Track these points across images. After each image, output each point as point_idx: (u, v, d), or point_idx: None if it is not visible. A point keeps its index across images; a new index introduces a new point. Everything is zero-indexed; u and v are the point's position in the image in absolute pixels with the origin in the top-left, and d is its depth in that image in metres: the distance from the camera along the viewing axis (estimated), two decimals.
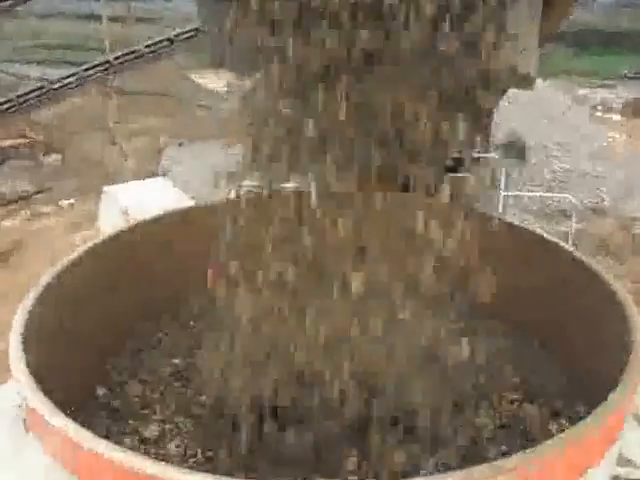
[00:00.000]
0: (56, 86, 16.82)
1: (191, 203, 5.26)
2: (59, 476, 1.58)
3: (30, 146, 16.18)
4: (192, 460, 2.14)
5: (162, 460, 2.07)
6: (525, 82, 2.38)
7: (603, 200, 12.22)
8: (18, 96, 16.52)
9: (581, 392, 2.20)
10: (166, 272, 2.63)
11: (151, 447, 2.21)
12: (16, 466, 2.93)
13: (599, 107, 20.86)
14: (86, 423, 2.23)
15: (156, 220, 2.67)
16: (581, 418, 2.10)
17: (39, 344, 1.92)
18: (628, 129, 18.29)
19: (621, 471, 2.77)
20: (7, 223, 13.65)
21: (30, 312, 1.96)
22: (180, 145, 16.10)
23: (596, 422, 1.47)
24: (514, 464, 1.33)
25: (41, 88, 16.87)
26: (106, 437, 2.21)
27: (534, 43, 2.38)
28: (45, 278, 2.13)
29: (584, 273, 2.15)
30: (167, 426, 2.30)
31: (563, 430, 2.12)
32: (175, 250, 2.52)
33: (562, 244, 2.29)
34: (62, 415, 1.54)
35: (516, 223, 2.51)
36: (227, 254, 2.00)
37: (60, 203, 14.47)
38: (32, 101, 16.67)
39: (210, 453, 2.12)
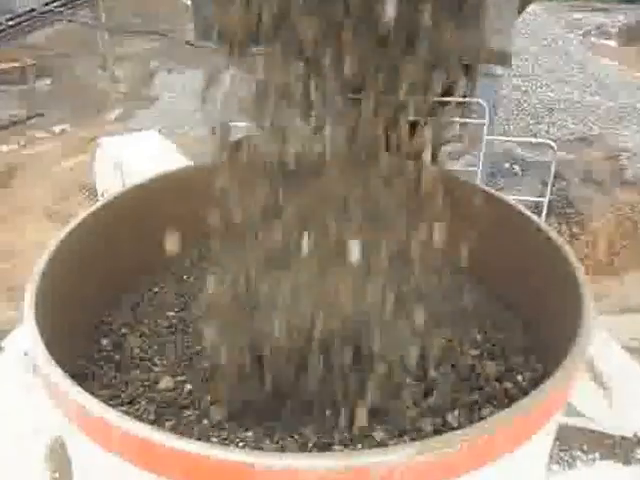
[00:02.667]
0: (46, 9, 16.59)
1: (182, 158, 5.39)
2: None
3: (21, 70, 16.07)
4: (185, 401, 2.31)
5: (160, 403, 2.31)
6: (501, 59, 2.41)
7: (591, 130, 12.12)
8: (7, 19, 16.31)
9: (540, 349, 2.36)
10: (161, 230, 2.80)
11: (155, 394, 2.38)
12: (25, 407, 3.21)
13: (593, 32, 20.37)
14: (93, 374, 2.47)
15: (150, 182, 2.80)
16: (535, 378, 2.32)
17: (48, 301, 2.08)
18: (622, 56, 17.83)
19: (569, 421, 2.98)
20: (1, 148, 13.72)
21: (41, 273, 2.11)
22: (170, 72, 16.00)
23: (539, 399, 1.63)
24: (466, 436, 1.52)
25: (31, 11, 16.65)
26: (110, 386, 2.46)
27: (511, 17, 2.36)
28: (53, 241, 2.27)
29: (548, 244, 2.30)
30: (165, 376, 2.47)
31: (517, 387, 2.34)
32: (169, 209, 2.68)
33: (533, 217, 2.43)
34: (71, 382, 1.72)
35: (493, 192, 2.66)
36: (222, 210, 2.06)
37: (53, 128, 14.50)
38: (22, 25, 16.47)
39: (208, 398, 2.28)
